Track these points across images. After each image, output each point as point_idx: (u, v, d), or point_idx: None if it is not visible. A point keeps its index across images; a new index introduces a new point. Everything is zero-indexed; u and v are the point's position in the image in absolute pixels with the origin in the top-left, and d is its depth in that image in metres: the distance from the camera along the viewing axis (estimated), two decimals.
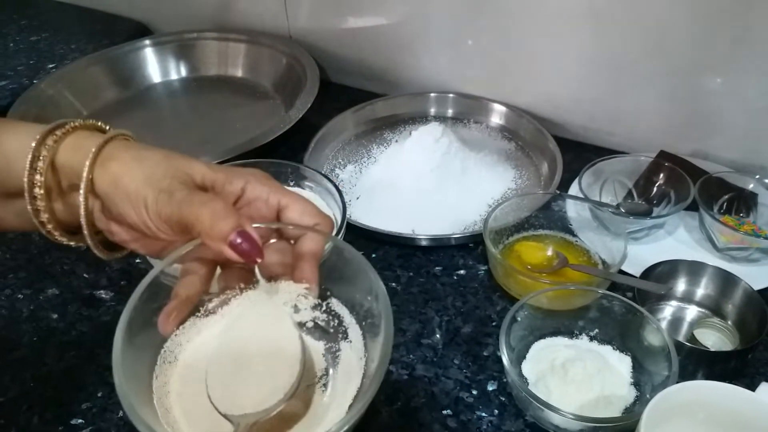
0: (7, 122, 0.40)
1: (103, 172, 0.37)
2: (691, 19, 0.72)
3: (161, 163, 0.38)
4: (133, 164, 0.37)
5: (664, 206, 0.74)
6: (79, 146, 0.38)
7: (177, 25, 1.11)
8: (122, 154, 0.38)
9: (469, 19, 0.87)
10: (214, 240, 0.35)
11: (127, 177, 0.37)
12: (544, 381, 0.55)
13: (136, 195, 0.36)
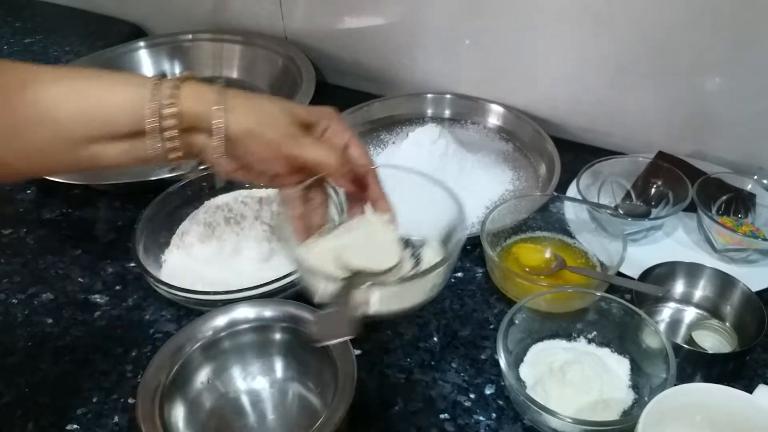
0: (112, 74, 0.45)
1: (234, 121, 0.44)
2: (689, 20, 0.72)
3: (278, 112, 0.47)
4: (258, 114, 0.46)
5: (663, 207, 0.73)
6: (199, 96, 0.44)
7: (171, 27, 1.10)
8: (243, 104, 0.45)
9: (467, 20, 0.86)
10: (337, 176, 0.48)
11: (258, 126, 0.45)
12: (542, 384, 0.55)
13: (267, 139, 0.45)
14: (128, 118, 0.43)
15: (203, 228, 0.68)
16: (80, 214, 0.81)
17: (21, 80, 0.43)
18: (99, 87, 0.44)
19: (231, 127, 0.44)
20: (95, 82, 0.44)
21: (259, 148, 0.46)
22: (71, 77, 0.44)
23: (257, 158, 0.46)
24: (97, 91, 0.44)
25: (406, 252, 0.52)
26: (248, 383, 0.57)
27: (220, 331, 0.56)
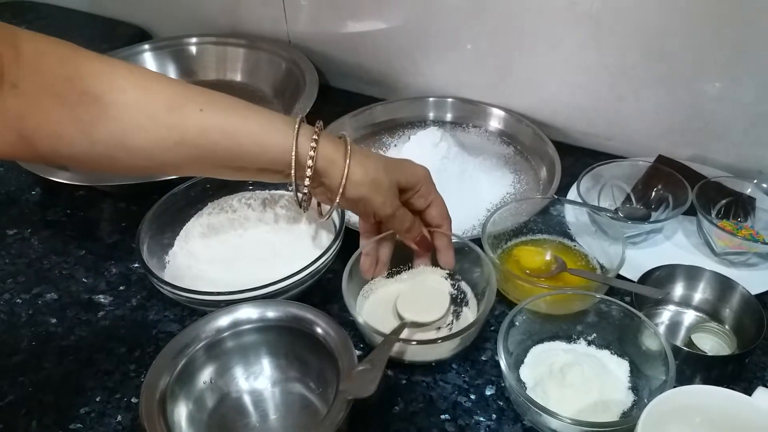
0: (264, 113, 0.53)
1: (353, 182, 0.52)
2: (689, 24, 0.73)
3: (385, 179, 0.54)
4: (368, 172, 0.53)
5: (662, 211, 0.74)
6: (335, 147, 0.52)
7: (176, 30, 1.11)
8: (363, 160, 0.53)
9: (468, 24, 0.87)
10: (408, 240, 0.60)
11: (368, 192, 0.53)
12: (542, 385, 0.55)
13: (369, 206, 0.54)
14: (276, 160, 0.50)
15: (207, 229, 0.69)
16: (84, 214, 0.81)
17: (166, 104, 0.47)
18: (239, 125, 0.50)
19: (350, 180, 0.52)
20: (236, 119, 0.51)
21: (360, 209, 0.56)
22: (215, 108, 0.50)
23: (357, 207, 0.56)
24: (237, 130, 0.50)
25: (450, 308, 0.62)
26: (251, 383, 0.57)
27: (223, 332, 0.56)
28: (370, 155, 0.54)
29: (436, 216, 0.60)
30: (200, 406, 0.55)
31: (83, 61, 0.46)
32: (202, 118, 0.48)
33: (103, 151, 0.47)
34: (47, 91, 0.45)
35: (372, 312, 0.63)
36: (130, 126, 0.46)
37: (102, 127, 0.46)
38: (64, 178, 0.78)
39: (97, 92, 0.45)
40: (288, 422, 0.55)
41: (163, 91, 0.47)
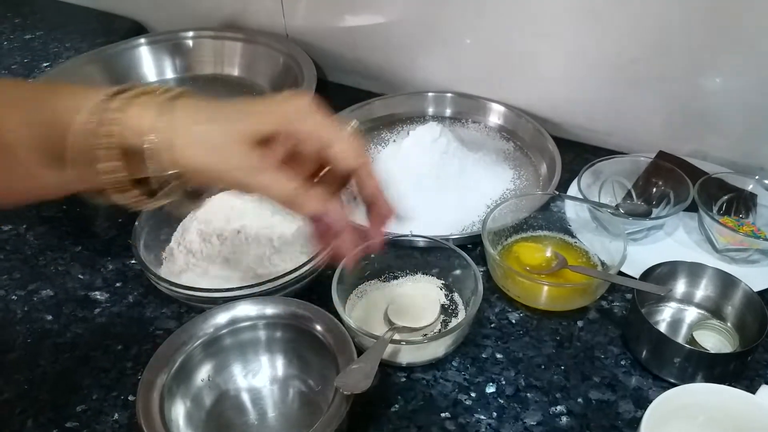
0: (61, 86, 0.42)
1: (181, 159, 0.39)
2: (690, 19, 0.72)
3: (227, 134, 0.40)
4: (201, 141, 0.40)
5: (663, 207, 0.73)
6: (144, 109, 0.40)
7: (173, 24, 1.10)
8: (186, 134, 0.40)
9: (468, 19, 0.86)
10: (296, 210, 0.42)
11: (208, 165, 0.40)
12: None
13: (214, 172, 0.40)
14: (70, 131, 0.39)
15: (204, 225, 0.68)
16: (80, 210, 0.81)
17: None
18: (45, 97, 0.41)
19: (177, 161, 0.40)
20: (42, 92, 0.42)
21: (209, 179, 0.42)
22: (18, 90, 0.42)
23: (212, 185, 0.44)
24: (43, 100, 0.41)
25: (440, 317, 0.62)
26: (249, 381, 0.57)
27: (221, 329, 0.55)
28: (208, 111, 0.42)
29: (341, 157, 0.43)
30: (198, 404, 0.54)
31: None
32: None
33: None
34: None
35: (363, 314, 0.63)
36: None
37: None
38: None
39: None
40: (286, 420, 0.55)
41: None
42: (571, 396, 0.57)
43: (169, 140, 0.39)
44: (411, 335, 0.59)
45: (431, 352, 0.59)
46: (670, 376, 0.57)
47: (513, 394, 0.57)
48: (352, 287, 0.64)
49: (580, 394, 0.57)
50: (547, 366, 0.59)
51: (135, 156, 0.39)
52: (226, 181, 0.41)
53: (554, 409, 0.56)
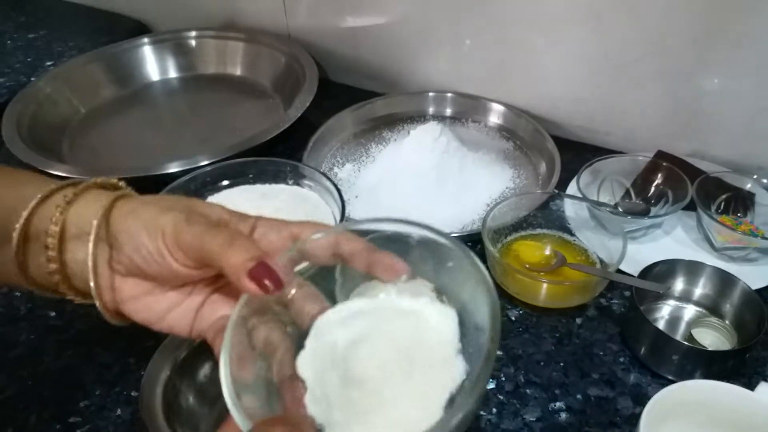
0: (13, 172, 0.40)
1: (120, 208, 0.37)
2: (689, 19, 0.72)
3: (178, 201, 0.38)
4: (150, 201, 0.38)
5: (662, 206, 0.74)
6: (96, 197, 0.38)
7: (176, 24, 1.11)
8: (137, 198, 0.38)
9: (468, 19, 0.87)
10: (234, 270, 0.34)
11: (144, 210, 0.36)
12: (323, 390, 0.34)
13: (154, 224, 0.36)
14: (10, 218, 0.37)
15: None
16: None
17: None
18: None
19: (112, 216, 0.37)
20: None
21: (144, 236, 0.36)
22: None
23: (146, 253, 0.36)
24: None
25: None
26: None
27: None
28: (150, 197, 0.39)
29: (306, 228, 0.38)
30: (201, 400, 0.54)
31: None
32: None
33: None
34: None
35: None
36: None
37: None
38: (62, 171, 0.77)
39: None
40: None
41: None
42: (570, 392, 0.57)
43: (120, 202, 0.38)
44: None
45: None
46: (669, 374, 0.57)
47: (512, 390, 0.57)
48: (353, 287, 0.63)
49: (579, 391, 0.57)
50: (546, 363, 0.60)
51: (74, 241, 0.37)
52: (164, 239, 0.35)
53: (553, 405, 0.56)
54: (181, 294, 0.39)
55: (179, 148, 0.86)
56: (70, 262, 0.38)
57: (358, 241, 0.37)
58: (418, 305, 0.36)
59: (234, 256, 0.34)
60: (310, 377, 0.35)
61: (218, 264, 0.34)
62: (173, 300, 0.39)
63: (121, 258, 0.37)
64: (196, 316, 0.39)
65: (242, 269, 0.33)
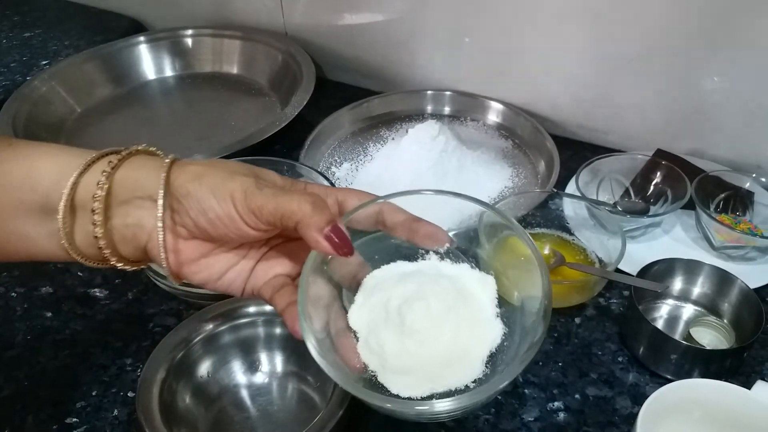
0: (45, 145, 0.39)
1: (181, 173, 0.37)
2: (688, 17, 0.72)
3: (239, 165, 0.39)
4: (214, 166, 0.38)
5: (661, 205, 0.74)
6: (142, 163, 0.38)
7: (172, 22, 1.10)
8: (198, 163, 0.38)
9: (467, 17, 0.87)
10: (311, 230, 0.36)
11: (211, 175, 0.37)
12: (376, 336, 0.38)
13: (222, 189, 0.36)
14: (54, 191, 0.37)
15: None
16: None
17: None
18: (32, 153, 0.38)
19: (178, 180, 0.37)
20: (29, 149, 0.39)
21: (215, 201, 0.36)
22: (6, 144, 0.39)
23: (216, 216, 0.37)
24: (28, 156, 0.38)
25: None
26: (249, 377, 0.57)
27: (220, 325, 0.56)
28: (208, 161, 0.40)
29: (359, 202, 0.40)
30: (198, 400, 0.54)
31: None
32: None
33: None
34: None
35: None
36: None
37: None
38: None
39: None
40: (286, 416, 0.55)
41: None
42: (568, 392, 0.57)
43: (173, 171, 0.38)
44: None
45: None
46: (667, 373, 0.57)
47: (511, 390, 0.57)
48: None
49: (578, 391, 0.57)
50: (544, 362, 0.60)
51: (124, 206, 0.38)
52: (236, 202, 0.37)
53: (552, 405, 0.56)
54: (237, 255, 0.40)
55: (175, 147, 0.84)
56: (120, 227, 0.38)
57: (401, 211, 0.40)
58: (459, 270, 0.40)
59: (313, 217, 0.36)
60: (363, 329, 0.39)
61: (294, 224, 0.36)
62: (230, 261, 0.40)
63: (185, 221, 0.37)
64: (250, 275, 0.41)
65: (319, 230, 0.36)
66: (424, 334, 0.37)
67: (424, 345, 0.37)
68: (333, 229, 0.36)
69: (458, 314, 0.38)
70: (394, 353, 0.37)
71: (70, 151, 0.39)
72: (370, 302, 0.39)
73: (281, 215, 0.36)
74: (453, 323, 0.38)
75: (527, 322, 0.38)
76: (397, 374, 0.37)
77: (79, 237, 0.38)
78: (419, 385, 0.37)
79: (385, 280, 0.40)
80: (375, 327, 0.38)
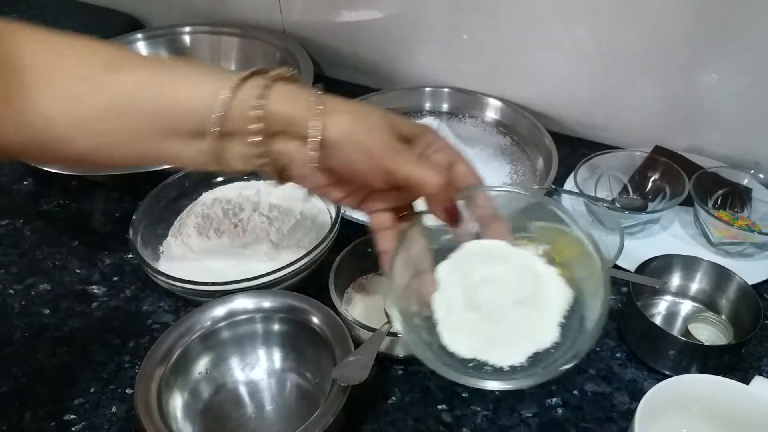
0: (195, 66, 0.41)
1: (333, 124, 0.39)
2: (686, 14, 0.72)
3: (379, 121, 0.41)
4: (358, 119, 0.40)
5: (659, 201, 0.74)
6: (293, 97, 0.40)
7: (169, 19, 1.10)
8: (342, 108, 0.40)
9: (465, 14, 0.86)
10: (437, 203, 0.41)
11: (355, 130, 0.40)
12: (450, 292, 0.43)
13: (365, 144, 0.40)
14: (203, 116, 0.39)
15: (201, 219, 0.68)
16: (77, 205, 0.81)
17: (104, 63, 0.40)
18: (178, 77, 0.40)
19: (329, 130, 0.39)
20: (176, 72, 0.40)
21: (357, 156, 0.40)
22: (154, 64, 0.41)
23: (354, 168, 0.41)
24: (176, 81, 0.40)
25: None
26: (247, 374, 0.57)
27: (218, 322, 0.56)
28: (353, 101, 0.43)
29: (465, 174, 0.44)
30: (196, 397, 0.54)
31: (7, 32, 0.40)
32: (137, 73, 0.40)
33: (32, 134, 0.40)
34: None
35: (361, 307, 0.63)
36: (60, 97, 0.39)
37: (29, 103, 0.39)
38: (57, 167, 0.77)
39: (23, 64, 0.39)
40: (284, 413, 0.55)
41: (98, 51, 0.41)
42: (566, 388, 0.57)
43: (328, 111, 0.40)
44: None
45: None
46: (665, 369, 0.57)
47: None
48: (350, 281, 0.64)
49: (576, 386, 0.57)
50: None
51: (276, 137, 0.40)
52: (374, 161, 0.40)
53: (550, 401, 0.56)
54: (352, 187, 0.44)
55: None
56: (272, 153, 0.41)
57: (491, 207, 0.44)
58: (547, 273, 0.44)
59: (440, 195, 0.41)
60: (443, 282, 0.43)
61: (420, 194, 0.41)
62: (347, 191, 0.44)
63: (328, 162, 0.40)
64: (360, 205, 0.45)
65: (441, 205, 0.41)
66: (486, 312, 0.42)
67: (484, 321, 0.42)
68: (452, 205, 0.41)
69: (523, 311, 0.42)
70: (456, 314, 0.42)
71: (213, 73, 0.41)
72: (460, 265, 0.44)
73: (411, 183, 0.40)
74: (515, 315, 0.42)
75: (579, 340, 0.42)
76: (453, 330, 0.42)
77: (230, 156, 0.40)
78: (467, 348, 0.41)
79: (482, 252, 0.44)
80: (452, 287, 0.43)
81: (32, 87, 0.39)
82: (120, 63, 0.40)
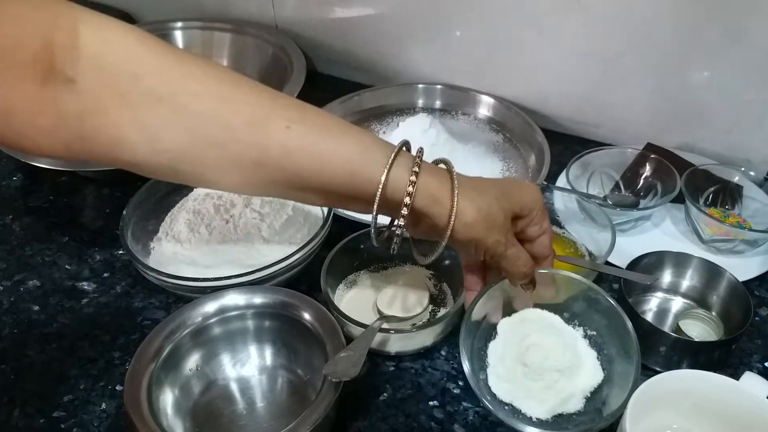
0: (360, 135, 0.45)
1: (462, 215, 0.45)
2: (678, 12, 0.72)
3: (498, 211, 0.46)
4: (481, 211, 0.45)
5: (651, 198, 0.74)
6: (439, 181, 0.45)
7: (161, 14, 1.09)
8: (471, 195, 0.45)
9: (457, 11, 0.86)
10: (516, 281, 0.51)
11: (481, 229, 0.45)
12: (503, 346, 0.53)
13: (482, 243, 0.46)
14: (365, 186, 0.43)
15: (193, 215, 0.68)
16: (68, 200, 0.80)
17: (256, 115, 0.43)
18: (336, 145, 0.43)
19: (459, 220, 0.44)
20: (335, 138, 0.43)
21: (470, 250, 0.48)
22: (307, 124, 0.43)
23: (467, 248, 0.48)
24: (342, 155, 0.43)
25: (429, 306, 0.62)
26: (237, 370, 0.57)
27: (209, 318, 0.55)
28: (480, 185, 0.47)
29: (546, 247, 0.52)
30: (186, 394, 0.54)
31: (152, 56, 0.40)
32: (288, 138, 0.42)
33: (166, 162, 0.42)
34: (110, 90, 0.39)
35: (352, 303, 0.63)
36: (200, 139, 0.41)
37: (169, 135, 0.40)
38: (46, 163, 0.76)
39: (165, 94, 0.40)
40: (275, 409, 0.55)
41: (245, 100, 0.42)
42: None
43: (450, 205, 0.44)
44: (400, 324, 0.59)
45: (420, 341, 0.59)
46: (656, 365, 0.57)
47: None
48: (342, 277, 0.64)
49: None
50: None
51: (416, 215, 0.45)
52: (483, 245, 0.46)
53: None
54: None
55: None
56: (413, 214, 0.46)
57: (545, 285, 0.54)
58: (586, 352, 0.54)
59: (519, 275, 0.50)
60: (501, 334, 0.54)
61: (505, 273, 0.50)
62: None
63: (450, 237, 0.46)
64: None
65: (520, 281, 0.51)
66: (531, 371, 0.51)
67: (527, 377, 0.51)
68: (530, 281, 0.51)
69: (560, 378, 0.51)
70: (506, 364, 0.52)
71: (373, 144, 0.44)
72: (518, 325, 0.54)
73: (499, 266, 0.49)
74: (553, 380, 0.51)
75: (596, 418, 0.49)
76: (499, 376, 0.52)
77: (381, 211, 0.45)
78: (507, 393, 0.52)
79: (539, 320, 0.54)
80: (509, 343, 0.53)
81: (170, 124, 0.41)
82: (267, 118, 0.43)
